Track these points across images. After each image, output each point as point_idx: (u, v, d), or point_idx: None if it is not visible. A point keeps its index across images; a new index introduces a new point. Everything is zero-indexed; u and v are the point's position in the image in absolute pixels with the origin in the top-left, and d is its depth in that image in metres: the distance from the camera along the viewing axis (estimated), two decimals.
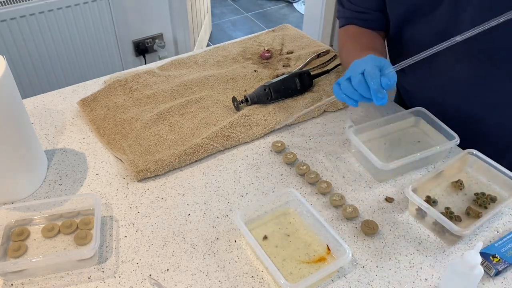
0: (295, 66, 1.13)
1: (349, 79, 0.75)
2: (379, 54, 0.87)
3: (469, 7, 0.80)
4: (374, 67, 0.73)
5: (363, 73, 0.73)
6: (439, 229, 0.73)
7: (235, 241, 0.72)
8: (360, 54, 0.87)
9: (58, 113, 0.99)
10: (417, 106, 0.93)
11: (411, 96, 1.04)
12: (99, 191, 0.81)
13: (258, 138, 0.93)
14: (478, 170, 0.83)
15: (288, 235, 0.72)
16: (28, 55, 1.98)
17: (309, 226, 0.73)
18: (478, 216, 0.74)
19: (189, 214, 0.77)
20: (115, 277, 0.67)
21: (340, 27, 1.06)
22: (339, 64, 1.10)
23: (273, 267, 0.63)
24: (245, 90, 1.05)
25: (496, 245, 0.71)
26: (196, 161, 0.87)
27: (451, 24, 0.84)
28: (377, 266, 0.69)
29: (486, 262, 0.68)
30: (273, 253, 0.69)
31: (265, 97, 0.99)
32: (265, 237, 0.71)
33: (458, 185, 0.80)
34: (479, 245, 0.59)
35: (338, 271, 0.68)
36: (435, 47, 0.71)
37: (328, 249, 0.70)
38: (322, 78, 1.07)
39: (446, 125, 0.87)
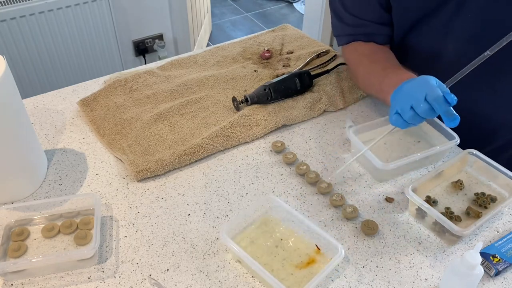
0: (295, 66, 1.13)
1: (412, 108, 0.71)
2: (406, 70, 0.85)
3: (473, 3, 0.80)
4: (435, 89, 0.69)
5: (425, 99, 0.69)
6: (439, 229, 0.73)
7: None
8: (386, 73, 0.85)
9: (58, 113, 0.99)
10: None
11: None
12: (99, 191, 0.81)
13: (258, 138, 0.93)
14: (478, 170, 0.83)
15: (278, 241, 0.71)
16: (28, 55, 1.98)
17: (294, 229, 0.72)
18: (478, 216, 0.74)
19: (189, 214, 0.77)
20: (115, 277, 0.67)
21: (341, 45, 1.01)
22: (339, 64, 1.10)
23: (274, 280, 0.62)
24: (245, 90, 1.05)
25: (496, 245, 0.71)
26: (196, 161, 0.87)
27: (456, 22, 0.84)
28: (377, 266, 0.69)
29: (486, 262, 0.68)
30: (266, 263, 0.68)
31: (265, 97, 0.99)
32: (252, 252, 0.69)
33: (458, 185, 0.80)
34: (479, 245, 0.59)
35: (337, 270, 0.68)
36: (476, 60, 0.69)
37: (318, 248, 0.69)
38: (322, 78, 1.07)
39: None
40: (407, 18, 0.91)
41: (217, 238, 0.73)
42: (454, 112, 0.69)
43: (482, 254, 0.68)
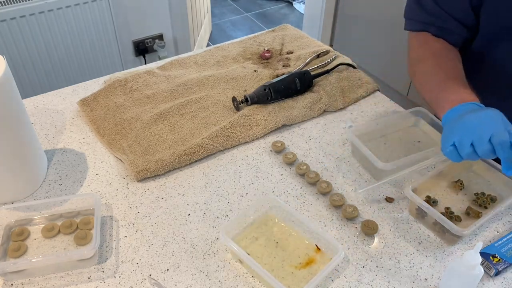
0: (295, 66, 1.13)
1: (472, 145, 0.66)
2: (468, 88, 0.76)
3: None
4: (503, 132, 0.64)
5: (490, 140, 0.64)
6: (439, 229, 0.73)
7: None
8: (447, 86, 0.78)
9: (58, 113, 0.99)
10: None
11: None
12: (99, 191, 0.81)
13: (258, 138, 0.93)
14: (478, 170, 0.83)
15: (277, 242, 0.71)
16: (28, 55, 1.98)
17: (294, 229, 0.73)
18: (478, 216, 0.74)
19: (189, 214, 0.77)
20: (115, 277, 0.67)
21: (410, 30, 0.91)
22: (339, 64, 1.10)
23: (274, 280, 0.62)
24: (245, 90, 1.05)
25: (496, 245, 0.71)
26: (196, 161, 0.87)
27: None
28: (377, 266, 0.69)
29: (486, 262, 0.68)
30: (266, 263, 0.68)
31: (265, 97, 0.99)
32: (252, 252, 0.70)
33: (458, 185, 0.80)
34: (479, 245, 0.59)
35: (337, 270, 0.68)
36: None
37: (318, 248, 0.69)
38: (322, 78, 1.07)
39: None
40: (498, 24, 0.80)
41: (217, 238, 0.73)
42: None
43: (482, 254, 0.68)
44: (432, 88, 0.81)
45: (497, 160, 0.80)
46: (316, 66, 1.12)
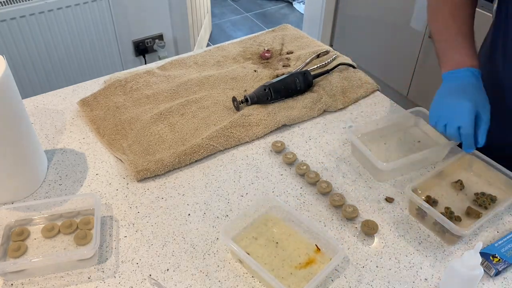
0: (295, 66, 1.13)
1: (445, 125, 0.79)
2: (474, 48, 0.82)
3: None
4: (471, 122, 0.75)
5: (459, 129, 0.76)
6: (439, 229, 0.73)
7: None
8: (454, 44, 0.83)
9: (58, 113, 0.99)
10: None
11: None
12: (99, 191, 0.81)
13: (258, 138, 0.93)
14: (478, 170, 0.83)
15: (277, 242, 0.71)
16: (28, 55, 1.98)
17: (294, 229, 0.72)
18: (478, 216, 0.74)
19: (189, 214, 0.77)
20: (115, 277, 0.67)
21: None
22: (339, 64, 1.10)
23: (274, 280, 0.62)
24: (245, 90, 1.05)
25: (496, 245, 0.71)
26: (196, 161, 0.87)
27: None
28: (377, 266, 0.69)
29: (486, 262, 0.68)
30: (267, 263, 0.68)
31: (265, 97, 0.99)
32: (252, 252, 0.70)
33: (458, 185, 0.80)
34: (479, 245, 0.59)
35: (337, 270, 0.68)
36: None
37: (318, 248, 0.69)
38: (322, 78, 1.07)
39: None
40: None
41: (217, 238, 0.73)
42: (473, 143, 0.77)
43: (482, 254, 0.68)
44: (442, 39, 0.86)
45: (497, 160, 0.81)
46: (316, 66, 1.12)
